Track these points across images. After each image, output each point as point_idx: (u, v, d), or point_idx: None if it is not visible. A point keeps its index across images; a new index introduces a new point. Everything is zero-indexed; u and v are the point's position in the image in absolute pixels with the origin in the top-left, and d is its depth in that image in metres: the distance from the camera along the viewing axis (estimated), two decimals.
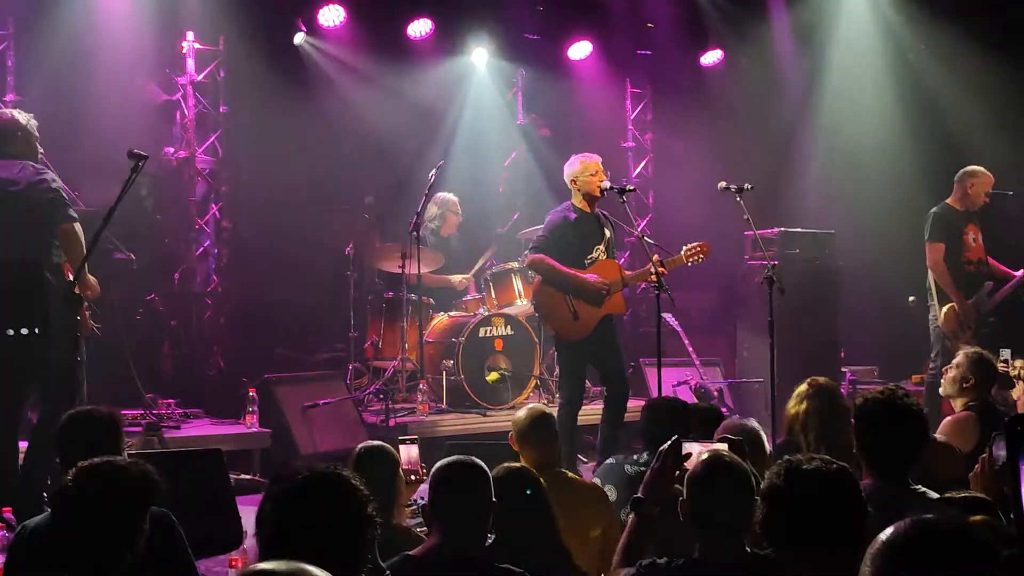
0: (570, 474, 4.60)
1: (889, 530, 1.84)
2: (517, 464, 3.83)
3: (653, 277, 6.65)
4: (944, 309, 7.87)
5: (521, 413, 4.62)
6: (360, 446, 4.11)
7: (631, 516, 3.41)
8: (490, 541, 3.38)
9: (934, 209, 8.04)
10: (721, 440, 3.71)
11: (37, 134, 5.99)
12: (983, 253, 8.02)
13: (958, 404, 5.47)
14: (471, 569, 3.14)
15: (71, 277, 5.56)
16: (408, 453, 4.06)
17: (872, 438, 3.53)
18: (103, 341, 6.23)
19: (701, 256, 7.06)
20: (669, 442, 3.44)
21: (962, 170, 8.08)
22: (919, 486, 3.48)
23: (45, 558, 2.99)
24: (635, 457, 4.65)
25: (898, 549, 1.80)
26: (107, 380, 6.39)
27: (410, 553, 3.21)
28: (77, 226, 5.74)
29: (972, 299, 7.87)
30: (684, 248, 7.06)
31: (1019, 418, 2.05)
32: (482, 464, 3.35)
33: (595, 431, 7.08)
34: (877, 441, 3.52)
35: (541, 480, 3.74)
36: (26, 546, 3.40)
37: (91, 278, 5.84)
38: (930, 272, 8.00)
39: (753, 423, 4.29)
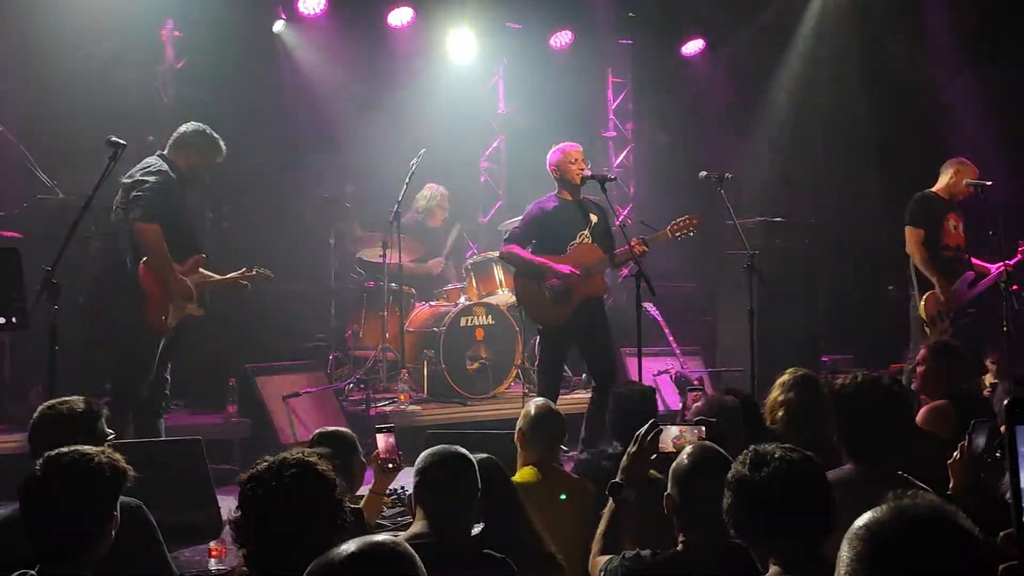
0: (565, 471, 4.59)
1: (868, 514, 1.84)
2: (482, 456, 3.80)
3: (640, 248, 6.63)
4: (924, 297, 7.89)
5: (530, 407, 4.62)
6: (316, 432, 4.09)
7: (609, 502, 3.42)
8: (478, 530, 3.40)
9: (917, 195, 8.08)
10: (698, 422, 3.71)
11: (201, 148, 6.44)
12: (963, 241, 8.05)
13: (933, 393, 5.50)
14: (456, 555, 3.15)
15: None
16: (385, 441, 4.00)
17: (854, 423, 3.54)
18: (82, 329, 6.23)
19: (691, 229, 6.93)
20: (646, 425, 3.44)
21: (949, 160, 8.13)
22: (903, 473, 3.49)
23: (15, 550, 2.96)
24: (609, 451, 4.66)
25: (877, 532, 1.79)
26: (87, 370, 6.35)
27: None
28: (148, 226, 5.95)
29: (953, 286, 7.89)
30: (671, 223, 6.99)
31: (1020, 401, 2.02)
32: (467, 453, 3.36)
33: (577, 419, 7.06)
34: (860, 426, 3.52)
35: (503, 472, 3.74)
36: None
37: (180, 278, 6.14)
38: (911, 260, 8.02)
39: (733, 399, 4.32)
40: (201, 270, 6.38)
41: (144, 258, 5.96)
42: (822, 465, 2.73)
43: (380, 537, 2.02)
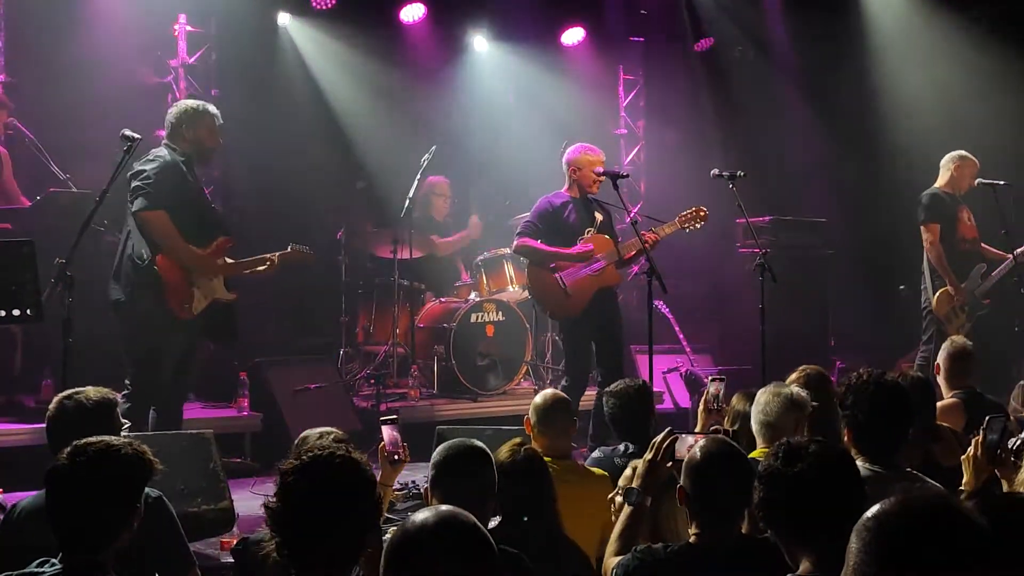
0: (580, 463, 4.59)
1: (876, 506, 1.84)
2: (528, 449, 3.80)
3: (648, 242, 6.65)
4: (937, 293, 7.89)
5: (538, 398, 4.62)
6: (301, 435, 4.06)
7: (625, 506, 3.43)
8: (495, 523, 3.40)
9: (926, 192, 8.06)
10: (713, 431, 3.73)
11: (191, 121, 6.13)
12: (976, 232, 8.06)
13: (945, 391, 5.53)
14: None
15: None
16: (389, 434, 3.93)
17: (863, 421, 3.53)
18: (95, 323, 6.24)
19: (699, 221, 7.01)
20: (663, 433, 3.45)
21: (948, 155, 8.11)
22: (914, 471, 3.49)
23: (37, 539, 2.98)
24: (620, 449, 4.67)
25: (885, 523, 1.80)
26: (99, 362, 6.37)
27: None
28: (151, 214, 5.82)
29: (966, 282, 7.90)
30: (679, 215, 7.03)
31: None
32: (485, 447, 3.36)
33: (585, 416, 7.06)
34: (868, 424, 3.52)
35: (548, 467, 3.73)
36: (17, 527, 3.39)
37: (203, 257, 6.00)
38: (925, 255, 8.01)
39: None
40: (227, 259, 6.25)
41: (159, 247, 5.84)
42: (854, 460, 2.72)
43: (451, 507, 2.18)
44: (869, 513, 1.83)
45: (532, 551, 3.24)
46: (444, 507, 2.18)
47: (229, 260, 6.21)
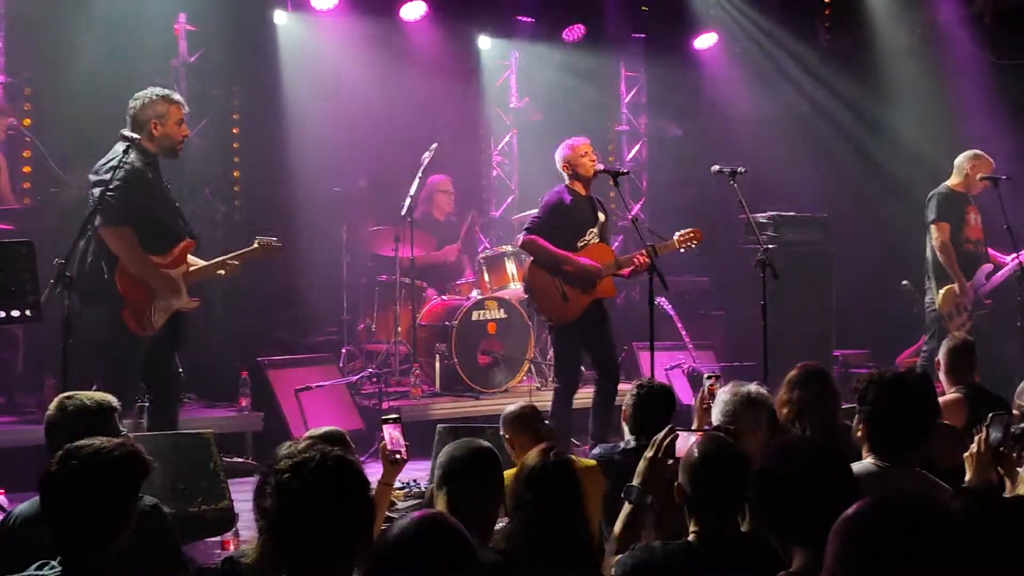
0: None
1: (852, 507, 1.89)
2: (558, 452, 3.76)
3: (645, 260, 6.63)
4: (941, 291, 7.87)
5: (508, 408, 4.68)
6: (307, 434, 4.05)
7: (626, 504, 3.41)
8: (502, 525, 3.37)
9: (936, 190, 8.04)
10: (714, 429, 3.71)
11: (146, 112, 5.78)
12: (982, 234, 8.04)
13: (947, 387, 5.52)
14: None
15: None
16: (391, 433, 3.92)
17: (881, 420, 3.49)
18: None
19: (694, 242, 7.06)
20: (664, 430, 3.43)
21: (963, 154, 8.08)
22: (925, 471, 3.47)
23: (34, 545, 2.97)
24: (622, 445, 4.66)
25: (860, 525, 1.82)
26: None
27: None
28: (115, 230, 5.61)
29: (970, 280, 7.89)
30: (677, 234, 7.05)
31: None
32: (492, 447, 3.35)
33: (587, 414, 7.05)
34: (887, 422, 3.48)
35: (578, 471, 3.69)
36: (14, 534, 3.37)
37: (163, 273, 5.76)
38: (929, 253, 8.00)
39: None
40: (190, 258, 5.97)
41: (120, 263, 5.64)
42: (848, 458, 2.72)
43: (434, 513, 2.24)
44: (845, 514, 1.86)
45: (562, 556, 3.20)
46: (427, 512, 2.20)
47: (194, 264, 5.96)
